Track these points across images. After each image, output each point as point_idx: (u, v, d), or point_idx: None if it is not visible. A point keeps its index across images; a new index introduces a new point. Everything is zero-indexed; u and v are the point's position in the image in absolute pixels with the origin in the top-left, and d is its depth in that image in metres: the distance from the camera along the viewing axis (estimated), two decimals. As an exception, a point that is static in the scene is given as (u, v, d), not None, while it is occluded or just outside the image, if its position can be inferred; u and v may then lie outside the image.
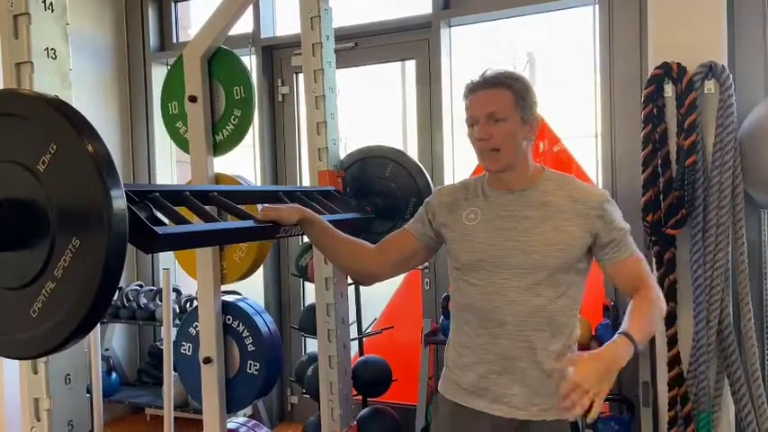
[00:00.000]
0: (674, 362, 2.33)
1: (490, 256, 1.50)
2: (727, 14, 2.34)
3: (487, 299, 1.50)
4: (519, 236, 1.48)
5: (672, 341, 2.34)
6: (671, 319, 2.33)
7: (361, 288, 3.04)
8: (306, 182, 3.60)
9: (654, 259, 2.37)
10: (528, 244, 1.47)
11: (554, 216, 1.49)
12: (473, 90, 1.51)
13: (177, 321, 3.08)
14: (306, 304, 3.56)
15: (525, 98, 1.48)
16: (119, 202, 0.94)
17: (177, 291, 3.66)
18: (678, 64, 2.29)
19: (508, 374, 1.49)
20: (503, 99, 1.47)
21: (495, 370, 1.50)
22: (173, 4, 4.06)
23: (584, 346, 2.70)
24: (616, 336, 1.38)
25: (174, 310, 3.31)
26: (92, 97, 3.80)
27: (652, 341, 2.56)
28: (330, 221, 1.84)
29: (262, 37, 3.69)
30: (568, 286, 1.49)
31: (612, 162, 2.98)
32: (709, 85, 2.27)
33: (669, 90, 2.31)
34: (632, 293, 1.50)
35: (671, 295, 2.32)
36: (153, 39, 4.02)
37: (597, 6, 2.97)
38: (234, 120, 2.13)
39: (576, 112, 3.37)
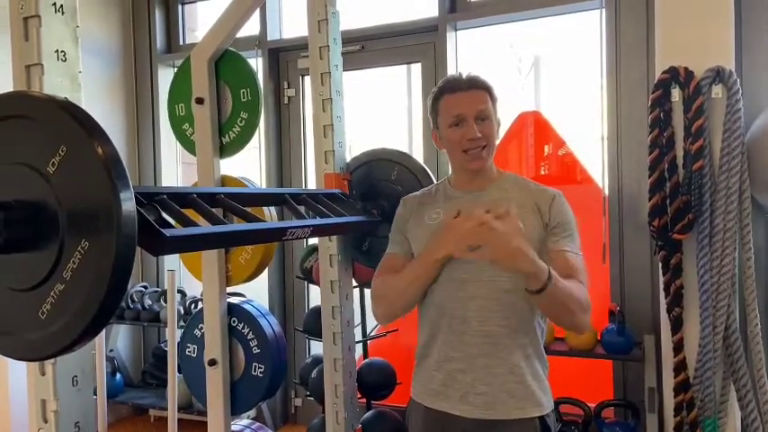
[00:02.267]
0: (679, 367, 2.32)
1: None
2: (734, 19, 2.33)
3: (450, 295, 1.51)
4: None
5: (678, 347, 2.32)
6: (677, 325, 2.32)
7: (366, 290, 3.04)
8: (311, 184, 3.62)
9: (660, 264, 2.36)
10: None
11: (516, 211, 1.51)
12: (454, 90, 1.55)
13: (182, 323, 3.09)
14: (310, 306, 3.56)
15: (496, 102, 1.58)
16: (128, 204, 0.94)
17: (182, 292, 3.67)
18: (685, 68, 2.28)
19: (473, 372, 1.49)
20: (486, 100, 1.55)
21: (459, 368, 1.51)
22: (180, 6, 4.08)
23: (588, 351, 2.69)
24: None
25: (178, 311, 3.31)
26: (98, 99, 3.82)
27: (658, 346, 2.56)
28: (336, 224, 1.84)
29: (268, 39, 3.69)
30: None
31: (618, 166, 2.98)
32: (717, 90, 2.26)
33: (676, 94, 2.30)
34: None
35: (677, 300, 2.32)
36: (160, 41, 4.03)
37: (604, 10, 2.97)
38: (240, 122, 2.13)
39: (582, 116, 3.37)
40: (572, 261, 1.50)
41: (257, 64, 3.65)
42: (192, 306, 3.58)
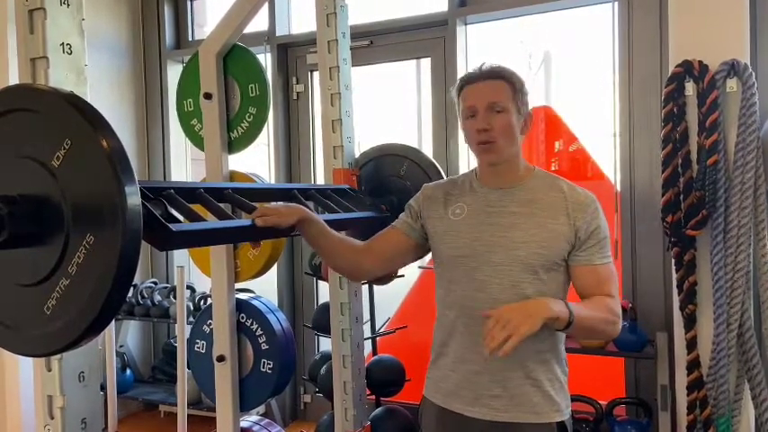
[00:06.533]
0: (693, 365, 2.29)
1: (473, 252, 1.48)
2: (749, 11, 2.29)
3: (470, 296, 1.47)
4: (503, 232, 1.47)
5: (691, 344, 2.30)
6: (690, 322, 2.30)
7: (375, 287, 3.03)
8: (320, 180, 3.61)
9: (673, 261, 2.34)
10: (512, 240, 1.45)
11: (540, 213, 1.47)
12: (470, 82, 1.51)
13: (191, 319, 3.09)
14: (319, 303, 3.55)
15: (521, 91, 1.50)
16: (133, 198, 0.93)
17: (191, 288, 3.67)
18: (700, 62, 2.25)
19: (488, 375, 1.46)
20: (502, 90, 1.48)
21: (475, 370, 1.48)
22: (188, 2, 4.07)
23: (600, 349, 2.67)
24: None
25: (187, 307, 3.31)
26: (107, 94, 3.82)
27: (671, 344, 2.53)
28: (345, 220, 1.83)
29: (277, 35, 3.68)
30: (551, 285, 1.46)
31: (631, 162, 2.94)
32: (732, 84, 2.23)
33: (690, 88, 2.27)
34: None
35: (690, 297, 2.29)
36: (168, 36, 4.03)
37: (617, 4, 2.93)
38: (249, 117, 2.12)
39: (594, 111, 3.34)
40: (601, 274, 1.46)
41: (266, 59, 3.64)
42: (202, 302, 3.58)
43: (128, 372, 3.78)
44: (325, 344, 3.56)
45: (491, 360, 1.45)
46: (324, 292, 3.56)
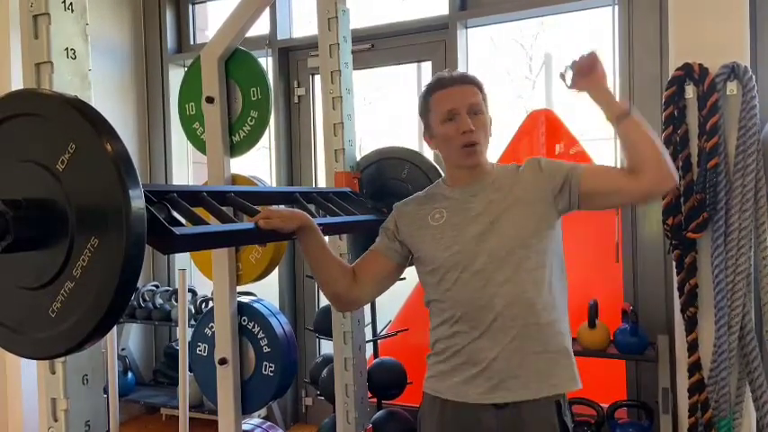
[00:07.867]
0: (694, 368, 2.29)
1: (466, 247, 1.49)
2: (749, 14, 2.30)
3: (472, 287, 1.47)
4: (488, 219, 1.50)
5: (692, 347, 2.30)
6: (691, 325, 2.30)
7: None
8: (321, 183, 3.61)
9: (674, 263, 2.34)
10: (499, 225, 1.49)
11: (514, 192, 1.52)
12: (444, 86, 1.55)
13: (193, 322, 3.09)
14: (321, 306, 3.55)
15: (486, 98, 1.58)
16: (137, 201, 0.94)
17: (193, 291, 3.67)
18: (700, 65, 2.25)
19: (502, 366, 1.46)
20: (476, 94, 1.55)
21: (492, 357, 1.46)
22: (190, 6, 4.09)
23: (601, 351, 2.67)
24: None
25: (189, 310, 3.31)
26: (109, 98, 3.83)
27: (672, 347, 2.53)
28: (346, 223, 1.83)
29: (278, 38, 3.69)
30: (548, 251, 1.50)
31: (631, 164, 2.94)
32: (732, 87, 2.23)
33: (690, 91, 2.28)
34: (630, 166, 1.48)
35: (691, 300, 2.29)
36: (170, 40, 4.04)
37: (617, 6, 2.94)
38: (250, 121, 2.13)
39: (595, 114, 3.33)
40: (603, 164, 1.59)
41: (267, 63, 3.65)
42: (203, 305, 3.58)
43: (129, 375, 3.77)
44: (327, 347, 3.56)
45: (506, 345, 1.45)
46: (325, 294, 3.57)
